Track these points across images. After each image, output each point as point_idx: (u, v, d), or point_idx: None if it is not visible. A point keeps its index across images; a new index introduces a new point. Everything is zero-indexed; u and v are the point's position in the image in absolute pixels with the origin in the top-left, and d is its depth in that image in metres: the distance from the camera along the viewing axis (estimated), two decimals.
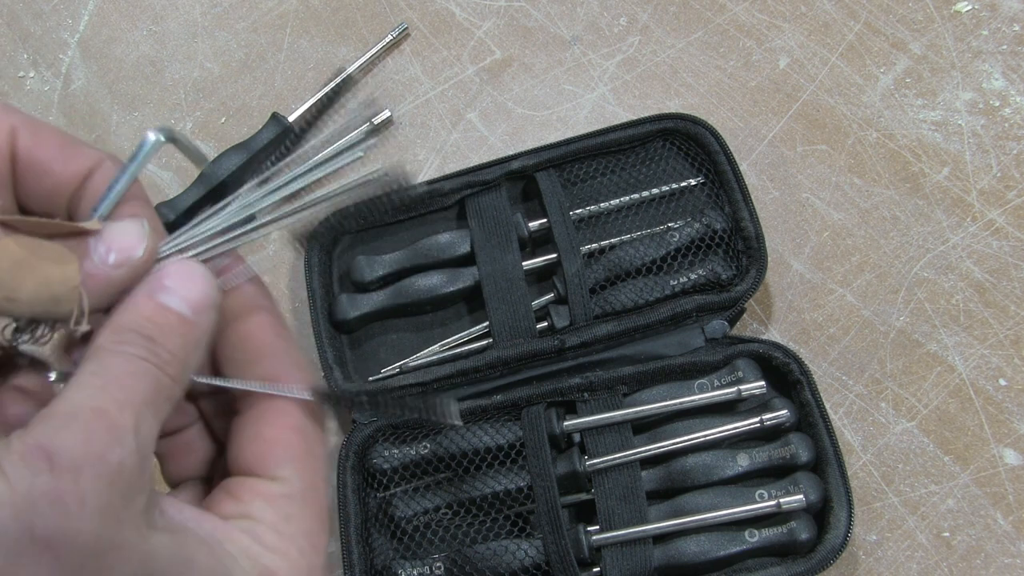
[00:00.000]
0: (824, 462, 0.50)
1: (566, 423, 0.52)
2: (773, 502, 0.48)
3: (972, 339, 0.56)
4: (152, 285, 0.29)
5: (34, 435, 0.24)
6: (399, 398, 0.32)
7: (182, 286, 0.29)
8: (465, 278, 0.56)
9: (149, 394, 0.27)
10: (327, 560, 0.31)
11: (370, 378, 0.56)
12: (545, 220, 0.57)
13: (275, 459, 0.30)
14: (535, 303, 0.56)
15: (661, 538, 0.49)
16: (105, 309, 0.30)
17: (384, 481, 0.52)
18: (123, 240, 0.30)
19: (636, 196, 0.57)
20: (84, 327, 0.29)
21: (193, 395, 0.34)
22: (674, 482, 0.51)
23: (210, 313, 0.30)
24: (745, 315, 0.57)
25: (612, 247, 0.56)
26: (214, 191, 0.61)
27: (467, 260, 0.57)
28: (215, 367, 0.32)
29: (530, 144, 0.60)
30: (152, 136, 0.31)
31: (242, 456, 0.31)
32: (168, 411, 0.27)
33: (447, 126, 0.65)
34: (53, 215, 0.32)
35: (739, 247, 0.55)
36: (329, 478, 0.32)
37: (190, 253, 0.31)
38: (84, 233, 0.29)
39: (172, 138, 0.32)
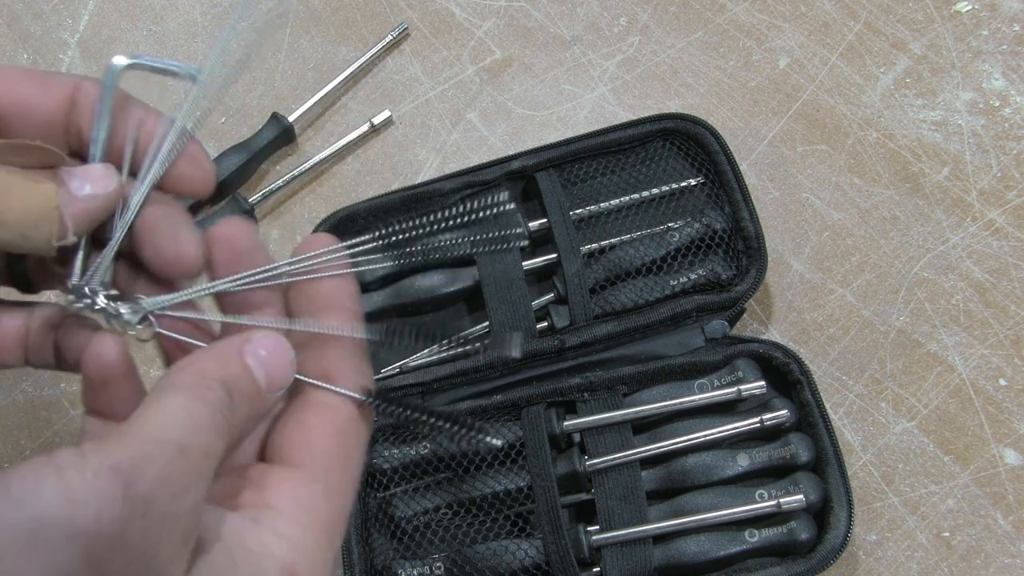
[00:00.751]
0: (824, 462, 0.50)
1: (566, 423, 0.52)
2: (773, 502, 0.48)
3: (972, 339, 0.56)
4: (247, 347, 0.29)
5: (114, 455, 0.23)
6: (450, 415, 0.32)
7: (272, 362, 0.29)
8: (465, 278, 0.56)
9: (221, 448, 0.26)
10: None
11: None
12: (545, 220, 0.57)
13: (311, 449, 0.30)
14: (535, 303, 0.56)
15: (661, 538, 0.49)
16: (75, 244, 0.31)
17: (384, 481, 0.52)
18: (95, 175, 0.31)
19: (636, 196, 0.57)
20: (69, 240, 0.30)
21: None
22: (674, 482, 0.51)
23: (279, 396, 0.30)
24: (745, 315, 0.57)
25: (612, 247, 0.56)
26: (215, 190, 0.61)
27: (467, 260, 0.57)
28: None
29: (530, 144, 0.60)
30: (116, 62, 0.32)
31: (279, 439, 0.30)
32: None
33: (447, 126, 0.65)
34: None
35: (739, 247, 0.55)
36: (357, 481, 0.31)
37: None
38: (56, 159, 0.30)
39: (137, 63, 0.33)
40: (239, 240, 0.33)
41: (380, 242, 0.35)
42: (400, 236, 0.35)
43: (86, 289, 0.32)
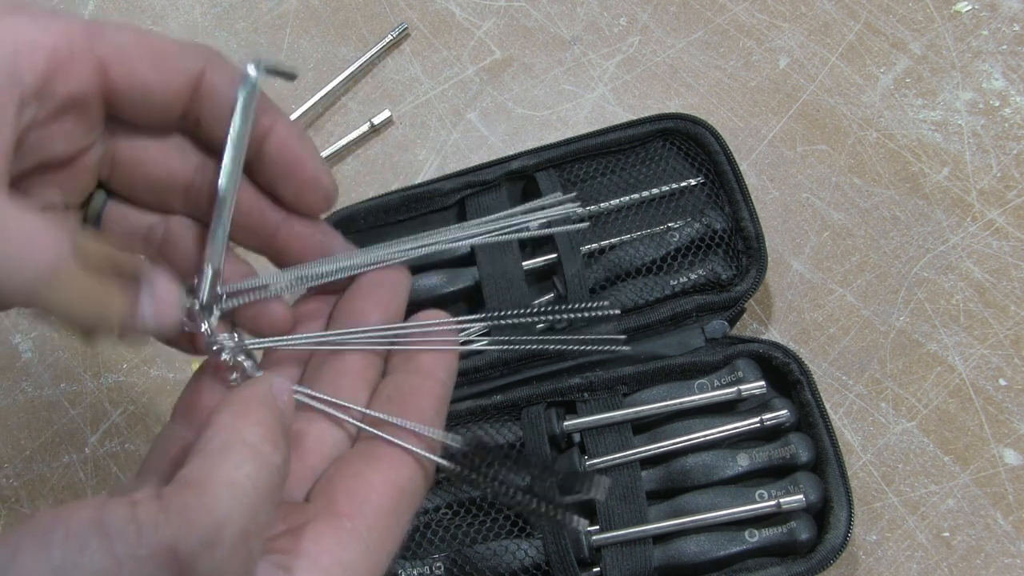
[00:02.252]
0: (824, 462, 0.50)
1: (566, 423, 0.52)
2: (773, 502, 0.48)
3: (972, 339, 0.56)
4: (277, 388, 0.29)
5: (172, 533, 0.22)
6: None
7: (290, 407, 0.29)
8: (465, 278, 0.56)
9: (273, 515, 0.26)
10: None
11: None
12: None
13: (363, 505, 0.29)
14: (535, 303, 0.56)
15: (661, 538, 0.49)
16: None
17: None
18: (164, 302, 0.30)
19: (636, 196, 0.57)
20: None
21: None
22: (674, 482, 0.51)
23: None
24: (745, 315, 0.57)
25: (612, 247, 0.56)
26: None
27: (467, 260, 0.57)
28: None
29: (530, 144, 0.60)
30: (251, 73, 0.31)
31: (333, 486, 0.29)
32: None
33: (447, 126, 0.65)
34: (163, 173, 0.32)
35: (739, 247, 0.55)
36: (399, 545, 0.31)
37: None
38: (137, 272, 0.30)
39: (268, 69, 0.31)
40: (398, 282, 0.35)
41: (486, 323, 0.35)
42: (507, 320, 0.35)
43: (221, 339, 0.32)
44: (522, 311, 0.36)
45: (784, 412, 0.50)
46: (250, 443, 0.25)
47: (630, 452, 0.50)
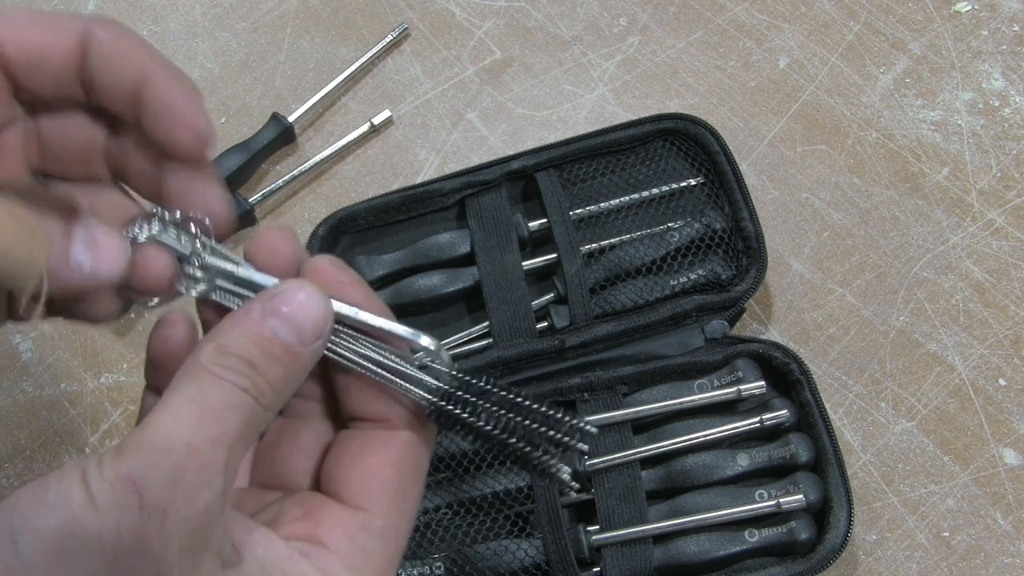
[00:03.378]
0: (824, 462, 0.50)
1: None
2: (773, 502, 0.49)
3: (972, 339, 0.56)
4: (267, 307, 0.28)
5: (126, 465, 0.23)
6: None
7: (298, 315, 0.28)
8: (465, 278, 0.56)
9: (243, 427, 0.26)
10: None
11: None
12: (545, 220, 0.57)
13: (368, 490, 0.29)
14: (535, 303, 0.56)
15: (661, 538, 0.49)
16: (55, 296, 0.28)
17: None
18: (107, 255, 0.28)
19: (636, 196, 0.57)
20: (35, 312, 0.27)
21: None
22: (674, 482, 0.51)
23: (318, 345, 0.29)
24: (745, 315, 0.57)
25: (612, 247, 0.56)
26: None
27: (467, 260, 0.57)
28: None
29: (530, 144, 0.60)
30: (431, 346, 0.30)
31: (335, 477, 0.30)
32: (256, 438, 0.27)
33: (447, 126, 0.65)
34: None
35: (739, 247, 0.55)
36: (414, 519, 0.31)
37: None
38: (72, 214, 0.28)
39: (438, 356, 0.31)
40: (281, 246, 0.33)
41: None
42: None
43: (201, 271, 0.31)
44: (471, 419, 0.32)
45: (784, 412, 0.50)
46: (200, 365, 0.26)
47: (630, 452, 0.50)
